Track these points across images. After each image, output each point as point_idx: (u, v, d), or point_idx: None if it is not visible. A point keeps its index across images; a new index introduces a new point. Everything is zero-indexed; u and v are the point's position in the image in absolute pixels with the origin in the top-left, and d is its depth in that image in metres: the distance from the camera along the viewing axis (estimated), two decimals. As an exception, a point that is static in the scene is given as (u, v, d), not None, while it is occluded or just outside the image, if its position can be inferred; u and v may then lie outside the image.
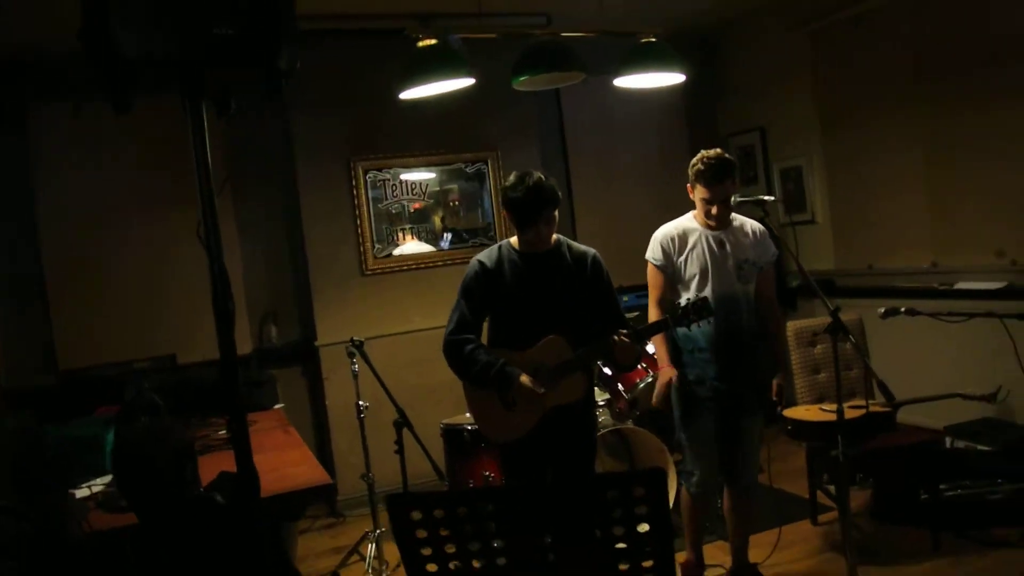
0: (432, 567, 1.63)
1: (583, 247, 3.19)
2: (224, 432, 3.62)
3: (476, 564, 1.62)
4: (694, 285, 3.38)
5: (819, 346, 4.36)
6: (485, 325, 3.21)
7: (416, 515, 1.57)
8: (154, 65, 1.65)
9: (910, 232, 5.28)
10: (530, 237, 3.06)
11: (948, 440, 4.58)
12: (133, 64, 1.62)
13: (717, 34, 6.62)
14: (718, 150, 3.34)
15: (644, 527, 1.56)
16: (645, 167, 6.34)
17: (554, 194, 3.02)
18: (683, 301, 3.21)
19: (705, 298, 3.08)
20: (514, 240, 3.16)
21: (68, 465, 2.95)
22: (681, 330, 3.32)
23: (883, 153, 5.40)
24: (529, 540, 1.62)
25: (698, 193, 3.36)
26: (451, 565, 1.62)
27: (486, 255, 3.15)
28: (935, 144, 5.04)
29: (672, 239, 3.44)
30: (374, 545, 4.05)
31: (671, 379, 3.43)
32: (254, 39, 1.74)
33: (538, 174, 3.03)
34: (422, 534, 1.59)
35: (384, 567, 4.02)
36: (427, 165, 5.59)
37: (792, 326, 4.32)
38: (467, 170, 5.72)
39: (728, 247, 3.39)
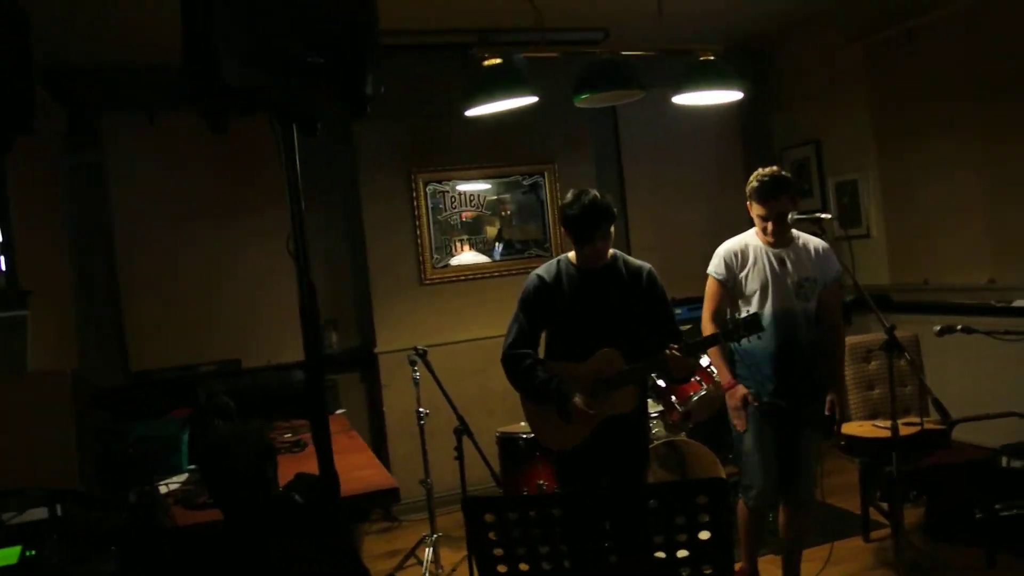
0: (503, 568, 1.72)
1: (639, 262, 3.28)
2: (289, 435, 3.77)
3: (545, 566, 1.72)
4: (755, 300, 3.44)
5: (873, 362, 4.37)
6: (543, 337, 3.31)
7: (489, 518, 1.66)
8: (253, 93, 1.78)
9: (967, 248, 5.25)
10: (587, 252, 3.17)
11: (1004, 459, 4.54)
12: (235, 92, 1.75)
13: (771, 47, 6.64)
14: (774, 168, 3.41)
15: (705, 535, 1.63)
16: (700, 181, 6.39)
17: (610, 211, 3.13)
18: (738, 316, 3.27)
19: (756, 314, 3.16)
20: (572, 255, 3.27)
21: (148, 463, 3.11)
22: (739, 345, 3.37)
23: (940, 169, 5.37)
24: (593, 544, 1.70)
25: (754, 210, 3.43)
26: (521, 567, 1.72)
27: (544, 269, 3.26)
28: (993, 162, 5.01)
29: (736, 254, 3.50)
30: (431, 549, 4.15)
31: (746, 395, 3.45)
32: (343, 67, 1.86)
33: (594, 192, 3.14)
34: (494, 536, 1.68)
35: (440, 571, 4.12)
36: (484, 177, 5.71)
37: (847, 342, 4.33)
38: (524, 182, 5.82)
39: (789, 265, 3.44)
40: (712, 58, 3.88)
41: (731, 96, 4.15)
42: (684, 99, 4.07)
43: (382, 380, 5.38)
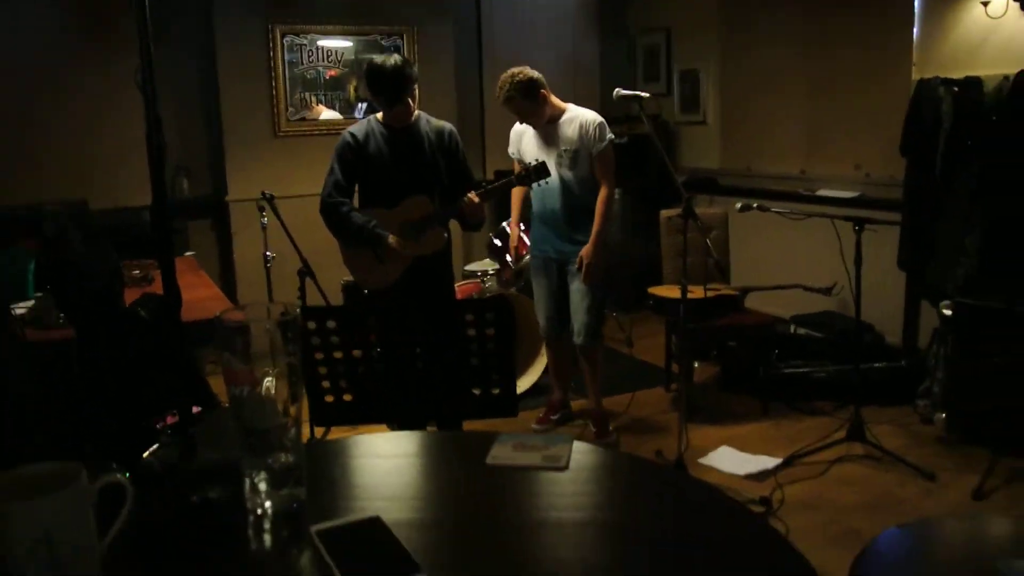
0: (323, 370, 2.03)
1: (441, 122, 3.65)
2: (137, 272, 3.90)
3: (360, 370, 2.03)
4: None
5: (690, 233, 4.86)
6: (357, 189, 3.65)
7: (311, 325, 1.95)
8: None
9: (785, 141, 5.81)
10: (395, 112, 3.49)
11: (792, 327, 5.23)
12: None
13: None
14: (513, 72, 3.90)
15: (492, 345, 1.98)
16: (556, 59, 6.60)
17: (413, 74, 3.46)
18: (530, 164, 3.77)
19: (543, 162, 3.66)
20: (380, 115, 3.58)
21: (-7, 287, 3.20)
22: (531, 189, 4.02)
23: (772, 69, 5.84)
24: (403, 349, 2.03)
25: None
26: (338, 368, 2.03)
27: (356, 128, 3.58)
28: (815, 69, 5.52)
29: (517, 134, 4.16)
30: (272, 379, 4.43)
31: (519, 241, 4.39)
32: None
33: (397, 56, 3.47)
34: (316, 341, 1.97)
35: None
36: (344, 34, 5.74)
37: (664, 214, 4.80)
38: (383, 43, 5.89)
39: (553, 139, 3.99)
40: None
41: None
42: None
43: (232, 228, 5.49)
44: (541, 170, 3.64)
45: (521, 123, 4.10)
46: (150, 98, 2.08)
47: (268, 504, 1.16)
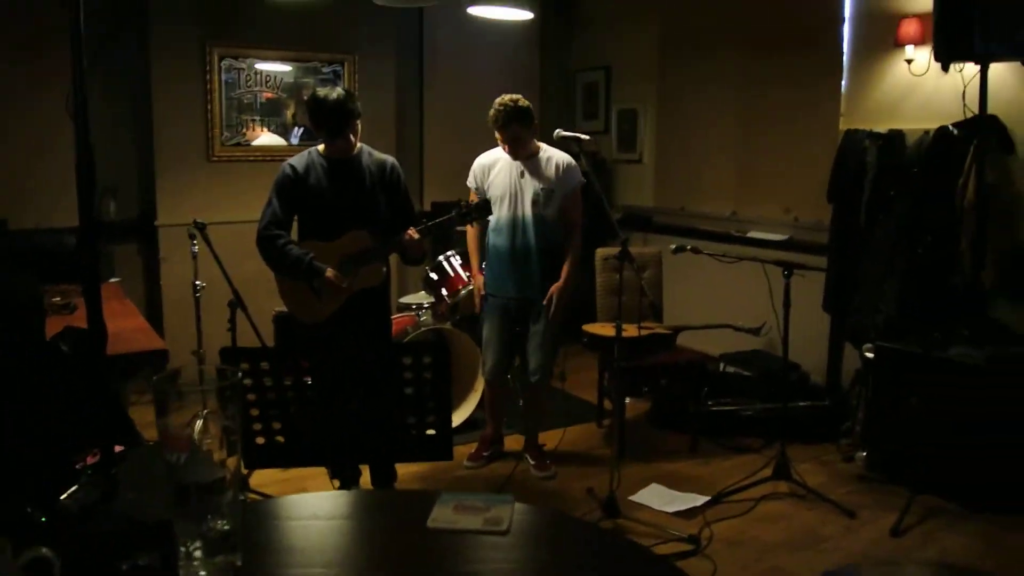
0: (254, 411, 1.98)
1: (384, 155, 3.63)
2: (58, 299, 3.76)
3: (292, 410, 1.99)
4: (497, 205, 3.97)
5: (626, 272, 4.92)
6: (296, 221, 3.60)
7: (244, 366, 1.91)
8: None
9: (718, 182, 5.95)
10: (336, 145, 3.47)
11: (721, 365, 5.33)
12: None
13: (577, -29, 6.98)
14: (512, 97, 3.90)
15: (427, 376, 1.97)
16: (496, 90, 6.62)
17: (355, 109, 3.44)
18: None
19: (487, 200, 3.70)
20: (321, 147, 3.56)
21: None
22: (489, 245, 3.99)
23: (705, 110, 6.00)
24: (337, 387, 2.00)
25: (496, 132, 3.95)
26: (270, 410, 1.98)
27: (296, 160, 3.54)
28: (746, 109, 5.70)
29: (484, 167, 4.09)
30: (202, 422, 4.31)
31: (481, 286, 4.14)
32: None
33: (339, 90, 3.44)
34: (248, 383, 1.93)
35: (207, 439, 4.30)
36: (284, 60, 5.68)
37: (599, 252, 4.86)
38: (323, 70, 5.85)
39: (528, 176, 3.98)
40: (508, -25, 4.12)
41: (522, 15, 4.43)
42: (478, 11, 4.31)
43: (161, 253, 5.34)
44: (483, 208, 3.65)
45: (510, 151, 3.99)
46: (82, 126, 2.04)
47: (202, 573, 1.11)
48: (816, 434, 4.60)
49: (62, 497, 1.82)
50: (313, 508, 1.52)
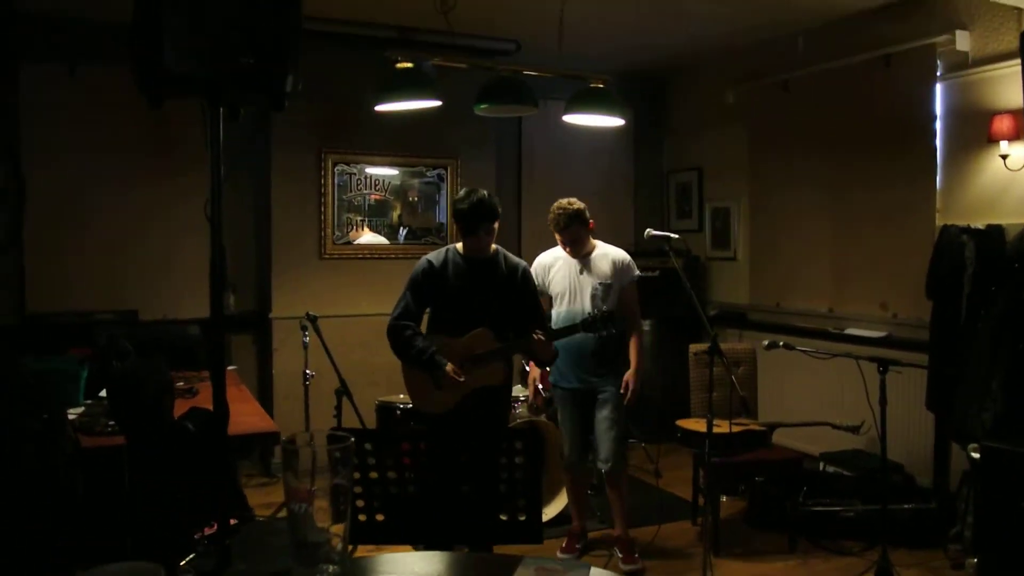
0: (358, 489, 2.12)
1: (517, 259, 3.81)
2: (182, 384, 4.06)
3: (392, 491, 2.13)
4: (557, 301, 4.22)
5: (717, 368, 4.94)
6: (426, 314, 3.76)
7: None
8: (190, 79, 2.12)
9: (813, 279, 5.94)
10: (472, 243, 3.65)
11: (821, 464, 5.22)
12: (174, 77, 2.09)
13: (668, 76, 7.24)
14: (569, 202, 4.18)
15: (519, 473, 2.08)
16: (593, 191, 6.83)
17: (494, 210, 3.63)
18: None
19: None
20: (460, 245, 3.73)
21: (47, 394, 3.37)
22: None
23: (798, 208, 6.05)
24: (436, 475, 2.13)
25: (556, 235, 4.22)
26: (373, 489, 2.12)
27: (434, 255, 3.73)
28: (839, 206, 5.72)
29: (544, 266, 4.32)
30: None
31: (535, 379, 4.42)
32: (269, 67, 2.23)
33: (483, 191, 3.64)
34: (353, 461, 2.08)
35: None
36: (391, 164, 6.08)
37: (692, 348, 4.91)
38: (427, 173, 6.22)
39: (587, 272, 4.20)
40: (601, 86, 4.37)
41: (614, 121, 4.66)
42: (572, 119, 4.56)
43: (274, 344, 5.68)
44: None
45: (568, 249, 4.23)
46: (217, 229, 2.30)
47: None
48: (923, 539, 4.42)
49: (181, 564, 2.00)
50: (411, 565, 1.66)
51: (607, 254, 4.24)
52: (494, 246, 3.73)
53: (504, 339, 3.62)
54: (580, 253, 4.23)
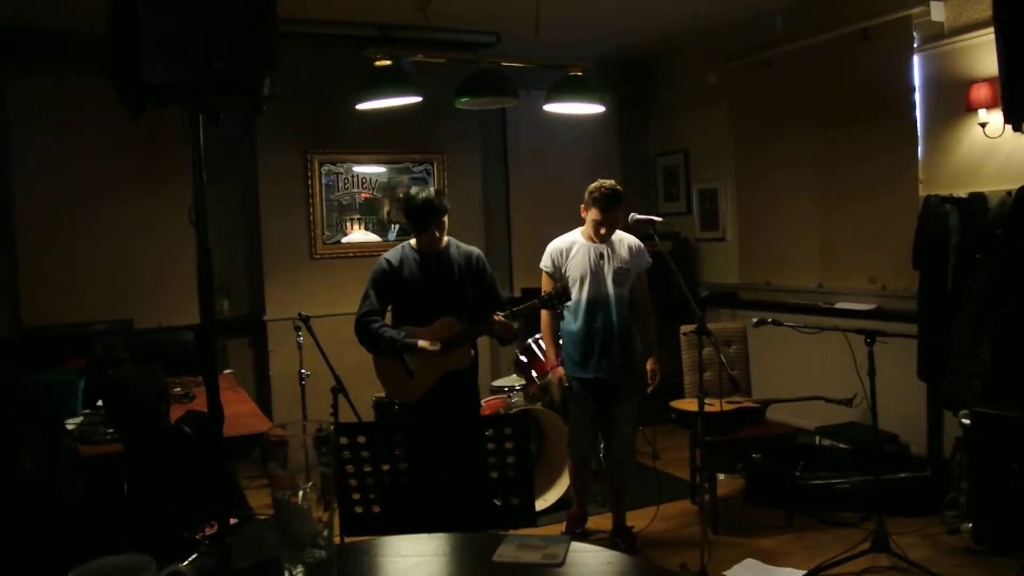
0: (353, 482, 2.17)
1: (469, 247, 3.95)
2: (179, 390, 4.10)
3: (386, 481, 2.18)
4: (575, 288, 4.14)
5: (707, 348, 4.99)
6: (389, 310, 3.92)
7: (343, 440, 2.11)
8: (168, 89, 2.16)
9: (801, 256, 5.98)
10: (425, 240, 3.80)
11: (817, 438, 5.28)
12: (152, 87, 2.12)
13: (650, 60, 7.27)
14: (612, 182, 4.08)
15: (511, 459, 2.12)
16: (579, 178, 6.82)
17: (442, 206, 3.77)
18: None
19: (565, 287, 3.89)
20: (413, 242, 3.89)
21: (46, 406, 3.41)
22: (563, 330, 4.17)
23: (784, 186, 6.09)
24: (428, 463, 2.17)
25: (591, 215, 4.11)
26: (367, 480, 2.17)
27: (391, 254, 3.89)
28: (824, 182, 5.76)
29: (561, 251, 4.23)
30: (303, 492, 4.55)
31: (561, 377, 4.27)
32: (245, 72, 2.26)
33: (431, 189, 3.82)
34: (347, 455, 2.13)
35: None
36: (378, 162, 6.11)
37: (683, 329, 4.95)
38: (415, 169, 6.25)
39: (607, 257, 4.16)
40: (579, 74, 4.40)
41: (594, 108, 4.69)
42: (553, 108, 4.59)
43: (269, 346, 5.73)
44: (563, 294, 3.86)
45: (602, 231, 4.09)
46: (203, 233, 2.33)
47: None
48: (919, 506, 4.48)
49: (182, 564, 2.03)
50: (399, 547, 1.72)
51: (623, 239, 4.24)
52: (446, 238, 3.87)
53: (468, 324, 3.77)
54: (608, 238, 4.16)
